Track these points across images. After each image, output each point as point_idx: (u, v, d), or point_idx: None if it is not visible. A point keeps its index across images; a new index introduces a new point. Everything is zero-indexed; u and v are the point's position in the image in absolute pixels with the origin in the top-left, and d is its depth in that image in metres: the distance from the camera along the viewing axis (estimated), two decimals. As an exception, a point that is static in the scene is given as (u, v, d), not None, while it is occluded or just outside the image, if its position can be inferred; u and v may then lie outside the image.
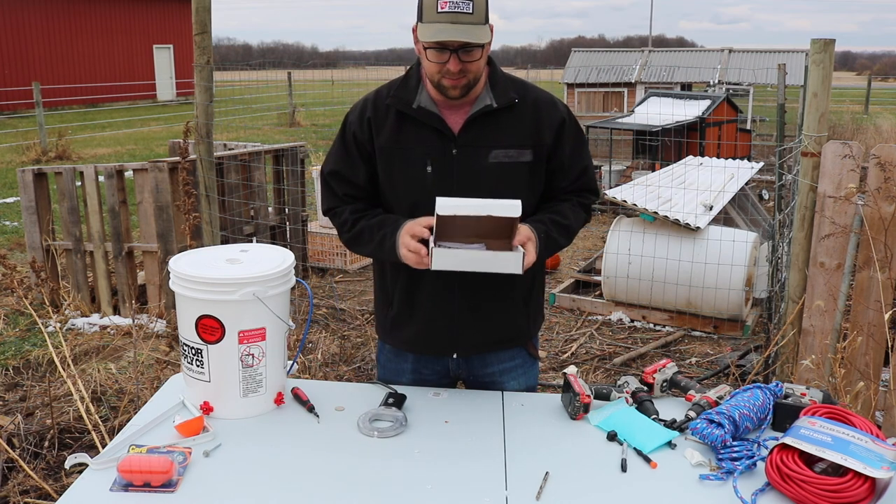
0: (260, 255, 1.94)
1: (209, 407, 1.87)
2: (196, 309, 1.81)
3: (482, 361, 2.12)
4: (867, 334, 3.09)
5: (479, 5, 1.78)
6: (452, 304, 2.02)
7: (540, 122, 1.95)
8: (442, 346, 2.09)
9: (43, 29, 23.24)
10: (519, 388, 2.15)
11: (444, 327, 2.05)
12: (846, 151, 3.01)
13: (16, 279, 3.18)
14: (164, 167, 4.86)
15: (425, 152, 1.92)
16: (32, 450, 3.32)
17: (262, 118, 19.76)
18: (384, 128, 1.95)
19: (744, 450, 1.67)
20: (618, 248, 5.35)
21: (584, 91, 14.53)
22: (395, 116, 1.94)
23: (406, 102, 1.92)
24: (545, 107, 1.97)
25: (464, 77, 1.83)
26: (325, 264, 6.63)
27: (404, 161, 1.94)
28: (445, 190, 1.90)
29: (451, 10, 1.76)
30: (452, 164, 1.92)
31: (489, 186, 1.91)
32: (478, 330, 2.05)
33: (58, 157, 12.35)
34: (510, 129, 1.93)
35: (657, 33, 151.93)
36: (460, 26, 1.76)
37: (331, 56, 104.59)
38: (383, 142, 1.95)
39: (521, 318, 2.11)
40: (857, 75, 58.54)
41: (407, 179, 1.95)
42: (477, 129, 1.92)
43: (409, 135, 1.93)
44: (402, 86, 1.95)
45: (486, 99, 1.91)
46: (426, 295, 2.02)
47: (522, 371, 2.16)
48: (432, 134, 1.92)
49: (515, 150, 1.92)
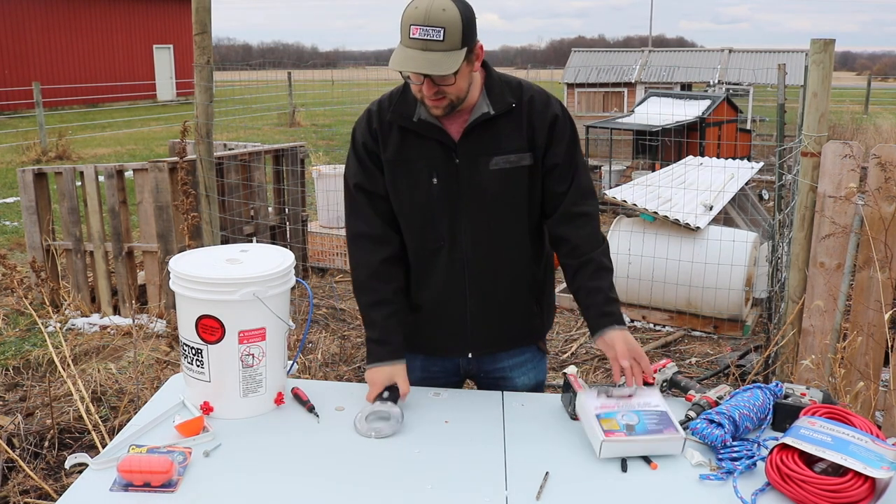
0: (260, 255, 1.94)
1: (209, 407, 1.87)
2: (196, 309, 1.81)
3: (493, 358, 2.13)
4: (867, 334, 3.09)
5: (452, 31, 1.73)
6: (464, 307, 2.03)
7: (533, 122, 1.93)
8: (454, 348, 2.10)
9: (43, 29, 23.23)
10: (528, 382, 2.16)
11: (455, 331, 2.06)
12: (846, 151, 3.01)
13: (16, 279, 3.19)
14: (164, 167, 4.86)
15: (430, 164, 1.92)
16: (32, 450, 3.32)
17: (262, 118, 19.77)
18: (389, 142, 1.94)
19: (744, 450, 1.67)
20: (618, 248, 5.34)
21: (584, 91, 14.52)
22: (397, 131, 1.93)
23: (407, 117, 1.91)
24: (539, 105, 1.95)
25: (443, 98, 1.82)
26: (325, 264, 6.63)
27: (409, 175, 1.94)
28: (451, 200, 1.92)
29: (420, 38, 1.72)
30: (456, 175, 1.92)
31: (494, 193, 1.92)
32: (490, 331, 2.06)
33: (58, 157, 12.34)
34: (509, 134, 1.92)
35: (657, 33, 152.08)
36: (430, 54, 1.72)
37: (331, 56, 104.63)
38: (389, 156, 1.95)
39: (535, 318, 2.13)
40: (857, 75, 58.53)
41: (414, 193, 1.95)
42: (476, 137, 1.91)
43: (413, 148, 1.93)
44: (401, 100, 1.94)
45: (484, 106, 1.90)
46: (436, 299, 2.03)
47: (532, 366, 2.17)
48: (435, 145, 1.92)
49: (515, 155, 1.92)
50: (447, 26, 1.72)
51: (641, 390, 1.83)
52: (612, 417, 1.73)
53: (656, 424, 1.71)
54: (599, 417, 1.72)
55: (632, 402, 1.79)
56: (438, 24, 1.71)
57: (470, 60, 1.80)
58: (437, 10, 1.71)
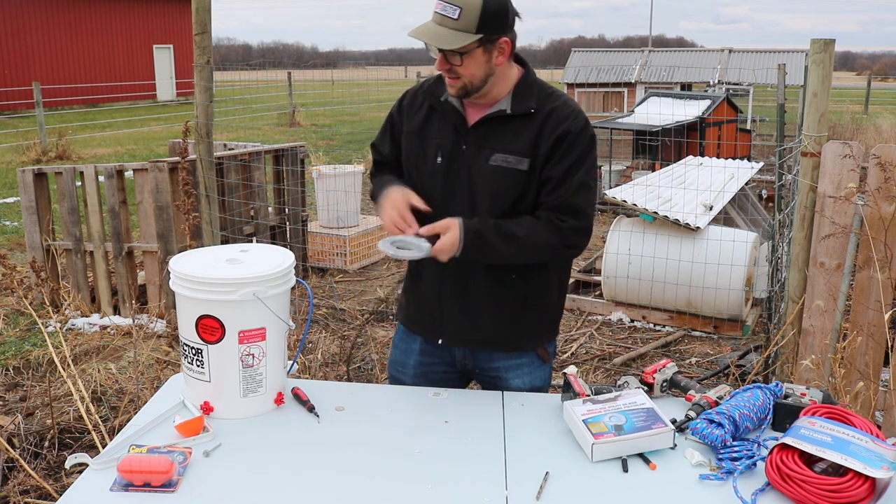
0: (260, 256, 1.94)
1: (209, 407, 1.87)
2: (196, 309, 1.81)
3: (488, 356, 2.14)
4: (867, 334, 3.09)
5: (469, 13, 1.80)
6: (440, 289, 2.08)
7: (544, 133, 1.92)
8: (429, 329, 2.15)
9: (43, 29, 23.24)
10: (523, 386, 2.14)
11: (429, 310, 2.12)
12: (846, 151, 3.01)
13: (16, 279, 3.19)
14: (164, 167, 4.86)
15: (439, 143, 2.01)
16: (32, 450, 3.32)
17: (262, 118, 19.77)
18: (416, 116, 2.07)
19: (744, 450, 1.67)
20: (618, 248, 5.35)
21: (584, 91, 14.53)
22: (427, 108, 2.05)
23: (436, 96, 2.02)
24: (556, 117, 1.93)
25: (457, 79, 1.90)
26: (325, 264, 6.63)
27: (422, 149, 2.04)
28: (449, 183, 1.99)
29: (440, 12, 1.83)
30: (461, 160, 1.98)
31: (486, 186, 1.96)
32: (463, 322, 2.08)
33: (58, 157, 12.34)
34: (516, 136, 1.95)
35: (657, 33, 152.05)
36: (440, 29, 1.83)
37: (331, 56, 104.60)
38: (411, 127, 2.07)
39: (521, 322, 2.08)
40: (857, 75, 58.57)
41: (423, 167, 2.04)
42: (486, 129, 1.97)
43: (433, 126, 2.03)
44: (437, 80, 2.04)
45: (504, 104, 1.96)
46: (418, 275, 2.14)
47: (528, 371, 2.15)
48: (450, 128, 2.00)
49: (515, 158, 1.94)
50: (465, 7, 1.80)
51: (628, 392, 1.86)
52: (599, 420, 1.74)
53: (644, 421, 1.73)
54: (587, 422, 1.73)
55: (618, 403, 1.80)
56: (458, 3, 1.81)
57: (488, 50, 1.87)
58: None
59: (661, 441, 1.71)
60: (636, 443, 1.69)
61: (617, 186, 6.33)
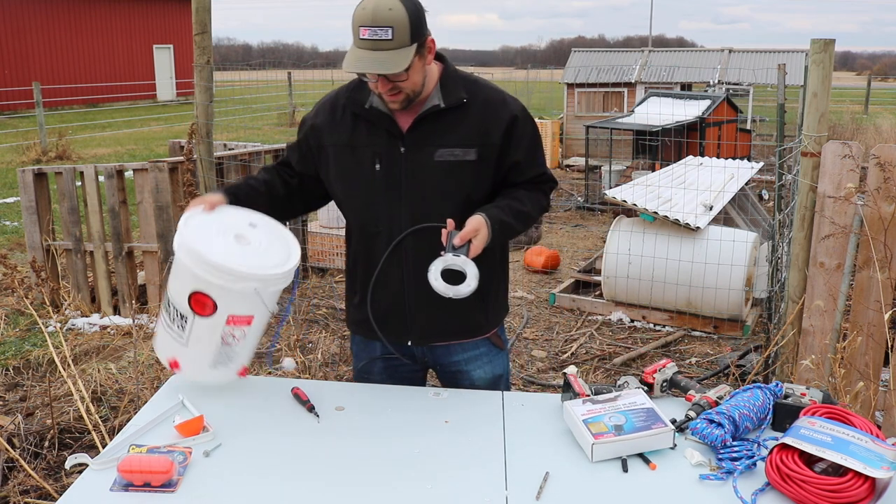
0: (268, 238, 1.93)
1: (177, 364, 1.92)
2: (194, 283, 1.81)
3: (446, 351, 2.15)
4: (867, 334, 3.09)
5: (400, 29, 1.77)
6: (402, 294, 2.06)
7: (487, 122, 1.96)
8: (398, 331, 2.11)
9: (43, 29, 23.24)
10: (485, 376, 2.18)
11: (397, 317, 2.09)
12: (846, 151, 3.01)
13: (16, 279, 3.19)
14: (164, 167, 4.86)
15: (374, 151, 1.98)
16: (32, 450, 3.32)
17: (262, 118, 19.77)
18: (339, 128, 2.01)
19: (744, 450, 1.67)
20: (618, 248, 5.35)
21: (584, 91, 14.51)
22: (350, 117, 2.01)
23: (360, 104, 1.98)
24: (494, 105, 1.98)
25: (399, 93, 1.88)
26: (325, 264, 6.63)
27: (355, 159, 2.00)
28: (392, 188, 1.97)
29: (369, 38, 1.77)
30: (400, 163, 1.96)
31: (435, 184, 1.96)
32: (429, 320, 2.08)
33: (58, 157, 12.34)
34: (456, 128, 1.95)
35: (657, 33, 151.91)
36: (380, 54, 1.78)
37: (331, 56, 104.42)
38: (337, 140, 2.02)
39: (479, 313, 2.12)
40: (857, 75, 58.57)
41: (358, 177, 2.01)
42: (424, 128, 1.95)
43: (361, 134, 2.00)
44: (357, 87, 2.00)
45: (435, 99, 1.95)
46: (377, 283, 2.07)
47: (488, 360, 2.18)
48: (382, 133, 1.97)
49: (461, 150, 1.95)
50: (395, 25, 1.77)
51: (628, 392, 1.85)
52: (599, 421, 1.74)
53: (644, 421, 1.73)
54: (587, 422, 1.73)
55: (618, 403, 1.81)
56: (386, 23, 1.76)
57: (422, 55, 1.85)
58: (384, 9, 1.76)
59: (661, 441, 1.71)
60: (636, 443, 1.69)
61: (617, 186, 6.33)
